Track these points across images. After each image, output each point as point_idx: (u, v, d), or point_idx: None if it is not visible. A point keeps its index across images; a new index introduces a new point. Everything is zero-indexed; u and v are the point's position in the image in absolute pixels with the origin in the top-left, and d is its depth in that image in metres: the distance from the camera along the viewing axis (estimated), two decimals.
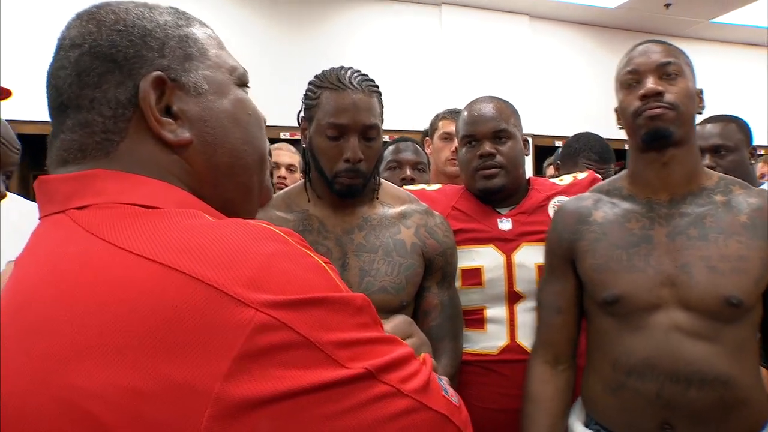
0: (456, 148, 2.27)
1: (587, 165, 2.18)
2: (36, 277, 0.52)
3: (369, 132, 1.27)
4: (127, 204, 0.53)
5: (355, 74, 1.29)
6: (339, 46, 4.18)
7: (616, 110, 1.32)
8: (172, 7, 0.64)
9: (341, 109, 1.24)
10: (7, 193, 1.51)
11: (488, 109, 1.52)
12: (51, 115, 0.60)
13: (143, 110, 0.57)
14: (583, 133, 2.33)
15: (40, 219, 0.58)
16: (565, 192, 1.57)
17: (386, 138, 3.92)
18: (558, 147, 3.61)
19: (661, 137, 1.21)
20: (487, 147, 1.50)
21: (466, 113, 1.56)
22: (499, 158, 1.50)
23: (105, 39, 0.58)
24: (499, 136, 1.51)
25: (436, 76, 4.40)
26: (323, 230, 1.32)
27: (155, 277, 0.46)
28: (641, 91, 1.22)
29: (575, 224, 1.32)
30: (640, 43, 1.29)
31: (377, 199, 1.38)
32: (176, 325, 0.44)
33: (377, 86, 1.32)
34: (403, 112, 4.12)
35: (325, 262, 0.53)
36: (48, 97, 0.60)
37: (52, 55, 0.61)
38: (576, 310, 1.34)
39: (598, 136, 2.29)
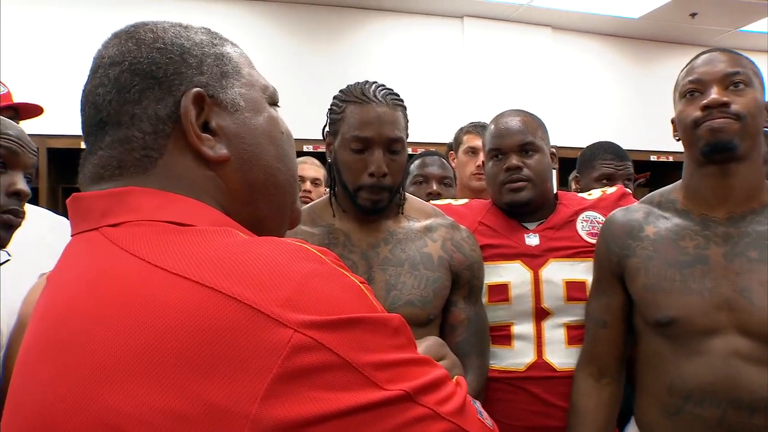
0: (481, 162, 2.28)
1: (604, 166, 2.19)
2: (70, 294, 0.52)
3: (394, 145, 1.28)
4: (160, 221, 0.53)
5: (380, 88, 1.31)
6: (361, 59, 4.21)
7: (673, 121, 1.27)
8: (205, 27, 0.66)
9: (366, 122, 1.26)
10: (37, 207, 1.53)
11: (515, 122, 1.52)
12: (87, 132, 0.61)
13: (184, 126, 0.58)
14: (593, 143, 2.36)
15: (72, 236, 0.58)
16: (593, 207, 1.56)
17: (410, 151, 3.93)
18: None
19: (723, 150, 1.14)
20: (514, 160, 1.49)
21: (492, 127, 1.56)
22: (526, 171, 1.49)
23: (145, 56, 0.59)
24: (526, 149, 1.50)
25: (459, 88, 4.40)
26: (348, 244, 1.33)
27: (191, 296, 0.45)
28: (704, 101, 1.15)
29: (625, 238, 1.30)
30: (704, 52, 1.23)
31: (402, 213, 1.39)
32: (213, 346, 0.44)
33: (402, 100, 1.34)
34: (426, 124, 4.12)
35: (360, 282, 0.52)
36: (84, 116, 0.61)
37: (89, 74, 0.61)
38: (622, 326, 1.32)
39: (609, 141, 2.31)
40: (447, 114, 4.20)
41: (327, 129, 1.36)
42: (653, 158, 4.78)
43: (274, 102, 0.67)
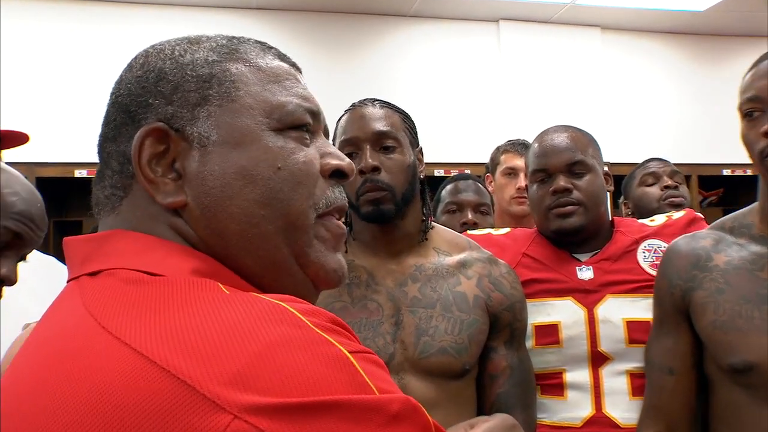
0: (523, 185, 2.28)
1: (645, 170, 2.26)
2: (34, 353, 0.53)
3: (384, 140, 1.30)
4: (131, 270, 0.53)
5: (373, 99, 1.37)
6: (385, 72, 4.25)
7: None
8: (224, 39, 0.64)
9: (352, 122, 1.32)
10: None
11: (561, 138, 1.52)
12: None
13: (134, 167, 0.58)
14: None
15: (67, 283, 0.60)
16: (656, 234, 1.54)
17: (441, 172, 3.95)
18: None
19: None
20: (562, 182, 1.48)
21: (536, 145, 1.56)
22: (576, 194, 1.48)
23: (125, 87, 0.61)
24: (575, 169, 1.50)
25: (496, 100, 4.41)
26: (372, 283, 1.33)
27: (127, 367, 0.44)
28: (764, 127, 1.11)
29: (690, 269, 1.27)
30: (764, 57, 1.17)
31: (426, 240, 1.38)
32: (138, 427, 0.41)
33: (400, 109, 1.39)
34: (460, 142, 4.13)
35: (359, 351, 0.47)
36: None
37: None
38: (694, 372, 1.29)
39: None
40: (483, 130, 4.23)
41: None
42: (726, 172, 4.70)
43: (284, 126, 0.61)
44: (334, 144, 1.36)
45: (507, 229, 1.67)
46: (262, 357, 0.43)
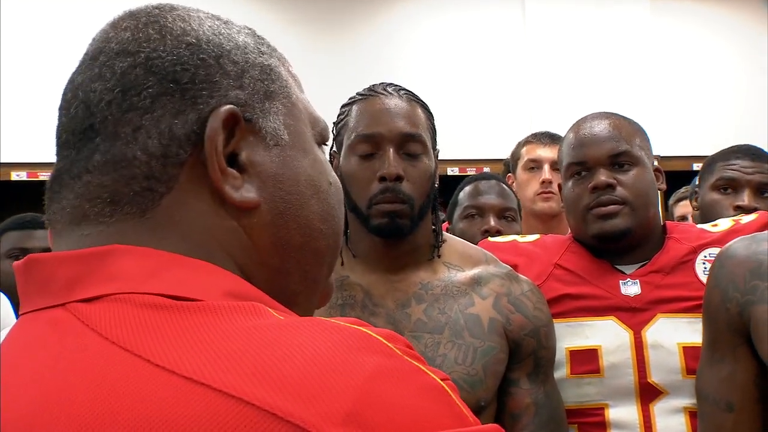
0: (547, 177, 2.32)
1: (727, 168, 2.11)
2: (27, 406, 0.50)
3: (410, 144, 1.31)
4: (154, 294, 0.51)
5: (391, 85, 1.38)
6: (389, 53, 4.30)
7: None
8: (249, 28, 0.66)
9: (372, 116, 1.31)
10: None
11: (602, 126, 1.51)
12: (65, 142, 0.59)
13: (206, 153, 0.57)
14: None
15: (21, 315, 0.57)
16: (720, 242, 1.51)
17: (456, 170, 3.94)
18: (697, 172, 3.51)
19: None
20: (603, 176, 1.47)
21: (571, 135, 1.55)
22: (620, 191, 1.47)
23: (170, 51, 0.58)
24: (620, 161, 1.48)
25: (520, 85, 4.45)
26: (369, 303, 1.34)
27: (208, 409, 0.44)
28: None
29: (750, 278, 1.26)
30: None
31: (439, 257, 1.38)
32: None
33: (423, 101, 1.40)
34: (478, 135, 4.15)
35: (442, 379, 0.50)
36: (66, 116, 0.59)
37: (84, 60, 0.61)
38: (758, 407, 1.27)
39: (748, 144, 2.27)
40: (505, 121, 4.25)
41: (333, 148, 1.40)
42: None
43: (323, 141, 0.68)
44: (340, 135, 1.37)
45: (536, 236, 1.66)
46: (367, 392, 0.45)
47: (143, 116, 0.56)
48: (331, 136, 1.40)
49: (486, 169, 3.80)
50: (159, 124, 0.56)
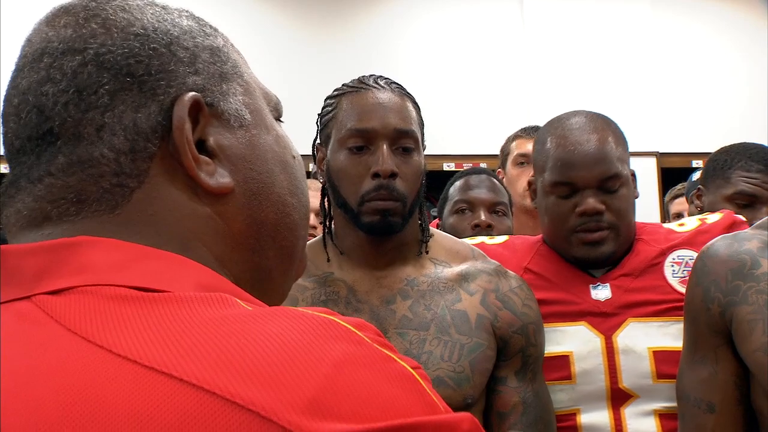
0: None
1: (746, 180, 2.03)
2: (18, 400, 0.49)
3: (404, 140, 1.30)
4: (122, 286, 0.51)
5: (381, 77, 1.37)
6: (384, 48, 4.28)
7: None
8: (186, 10, 0.65)
9: (365, 110, 1.30)
10: None
11: (591, 145, 1.46)
12: (19, 149, 0.58)
13: (177, 143, 0.57)
14: (732, 144, 2.22)
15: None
16: (688, 243, 1.52)
17: (452, 166, 3.93)
18: (696, 169, 3.50)
19: None
20: (593, 202, 1.44)
21: (552, 145, 1.50)
22: (608, 217, 1.45)
23: (119, 44, 0.58)
24: (608, 185, 1.45)
25: (517, 80, 4.43)
26: (353, 299, 1.34)
27: (169, 399, 0.44)
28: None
29: (732, 278, 1.26)
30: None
31: (426, 253, 1.38)
32: None
33: (410, 93, 1.38)
34: (474, 131, 4.15)
35: (413, 367, 0.50)
36: (16, 124, 0.58)
37: (23, 63, 0.59)
38: (739, 408, 1.28)
39: (758, 143, 2.18)
40: (501, 116, 4.22)
41: (318, 141, 1.39)
42: None
43: (278, 116, 0.68)
44: (327, 128, 1.36)
45: (505, 237, 1.65)
46: (333, 379, 0.45)
47: (104, 114, 0.56)
48: (317, 129, 1.40)
49: (482, 165, 3.79)
50: (122, 120, 0.56)
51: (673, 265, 1.49)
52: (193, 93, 0.58)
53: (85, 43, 0.57)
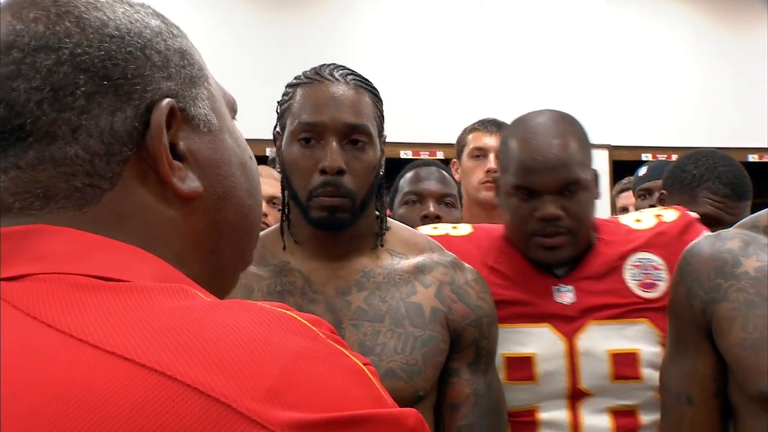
0: (492, 167, 2.30)
1: (712, 203, 2.01)
2: None
3: (355, 134, 1.29)
4: (81, 275, 0.51)
5: (339, 68, 1.35)
6: (342, 35, 4.24)
7: None
8: (150, 7, 0.65)
9: (316, 104, 1.29)
10: None
11: (554, 151, 1.44)
12: None
13: (153, 150, 0.58)
14: (704, 151, 2.18)
15: None
16: (647, 246, 1.53)
17: (409, 154, 3.93)
18: (645, 162, 3.50)
19: None
20: (552, 208, 1.43)
21: (515, 147, 1.49)
22: (566, 221, 1.44)
23: (96, 46, 0.57)
24: (569, 189, 1.44)
25: (475, 68, 4.43)
26: (309, 290, 1.33)
27: (135, 385, 0.44)
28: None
29: (714, 276, 1.27)
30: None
31: (383, 245, 1.38)
32: None
33: (372, 86, 1.37)
34: (432, 118, 4.14)
35: (363, 363, 0.52)
36: None
37: None
38: (716, 401, 1.30)
39: (729, 157, 2.11)
40: (459, 104, 4.23)
41: (277, 129, 1.39)
42: (752, 158, 4.78)
43: (234, 114, 0.70)
44: (283, 118, 1.35)
45: (469, 228, 1.64)
46: (290, 370, 0.46)
47: (80, 116, 0.56)
48: (276, 116, 1.39)
49: (439, 153, 3.80)
50: (98, 123, 0.56)
51: (632, 269, 1.50)
52: (169, 99, 0.59)
53: (60, 41, 0.56)
